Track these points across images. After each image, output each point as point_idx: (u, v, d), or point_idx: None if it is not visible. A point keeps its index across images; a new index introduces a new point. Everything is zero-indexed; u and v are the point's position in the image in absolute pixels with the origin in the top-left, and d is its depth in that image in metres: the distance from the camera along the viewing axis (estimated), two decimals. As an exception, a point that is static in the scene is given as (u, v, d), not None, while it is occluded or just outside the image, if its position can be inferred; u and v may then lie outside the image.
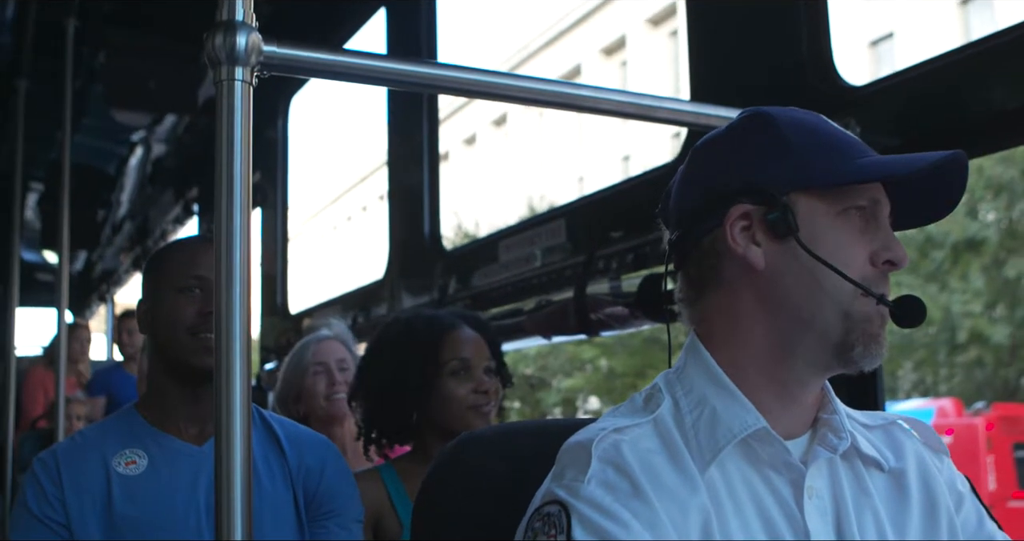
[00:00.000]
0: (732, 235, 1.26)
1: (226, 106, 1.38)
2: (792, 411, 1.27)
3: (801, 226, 1.22)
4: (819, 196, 1.23)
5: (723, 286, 1.28)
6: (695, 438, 1.22)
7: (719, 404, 1.23)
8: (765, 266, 1.24)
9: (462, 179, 33.65)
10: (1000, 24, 1.92)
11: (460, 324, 2.39)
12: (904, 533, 1.26)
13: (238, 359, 1.35)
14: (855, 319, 1.21)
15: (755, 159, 1.28)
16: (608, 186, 2.96)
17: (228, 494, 1.35)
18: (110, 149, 7.48)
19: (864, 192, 1.24)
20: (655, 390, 1.30)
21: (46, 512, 1.84)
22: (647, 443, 1.21)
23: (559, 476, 1.19)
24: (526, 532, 1.17)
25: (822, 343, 1.22)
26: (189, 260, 1.96)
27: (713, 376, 1.26)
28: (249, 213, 1.40)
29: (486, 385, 2.33)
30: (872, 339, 1.21)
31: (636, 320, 2.60)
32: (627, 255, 2.62)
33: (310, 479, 2.01)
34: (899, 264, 1.23)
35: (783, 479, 1.22)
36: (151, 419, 1.98)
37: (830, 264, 1.20)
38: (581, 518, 1.12)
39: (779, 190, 1.24)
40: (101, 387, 6.31)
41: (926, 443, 1.37)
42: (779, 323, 1.24)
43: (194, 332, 1.90)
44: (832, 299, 1.21)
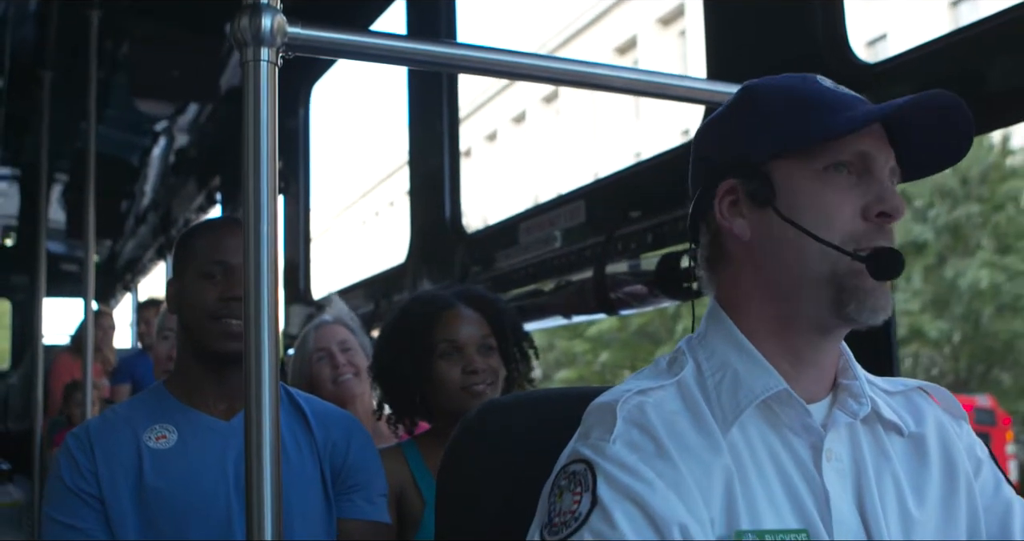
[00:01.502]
0: (721, 210, 1.30)
1: (252, 86, 1.41)
2: (808, 375, 1.29)
3: (781, 192, 1.25)
4: (798, 159, 1.25)
5: (726, 259, 1.33)
6: (717, 400, 1.24)
7: (741, 367, 1.26)
8: (751, 236, 1.28)
9: (511, 160, 33.61)
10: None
11: (455, 304, 2.40)
12: (924, 497, 1.28)
13: (267, 339, 1.39)
14: (843, 276, 1.22)
15: (737, 133, 1.32)
16: (626, 166, 2.99)
17: (258, 469, 1.38)
18: (134, 140, 7.54)
19: (847, 147, 1.24)
20: (678, 353, 1.33)
21: (79, 484, 1.89)
22: (671, 405, 1.23)
23: (585, 436, 1.22)
24: (552, 490, 1.19)
25: (818, 304, 1.24)
26: (212, 245, 2.00)
27: (734, 341, 1.29)
28: (276, 192, 1.43)
29: (476, 365, 2.32)
30: (866, 294, 1.22)
31: (655, 298, 2.62)
32: (646, 234, 2.64)
33: (336, 454, 2.05)
34: (894, 215, 1.23)
35: (802, 442, 1.25)
36: (179, 396, 2.02)
37: (802, 227, 1.22)
38: (606, 476, 1.15)
39: (760, 160, 1.27)
40: (126, 374, 6.39)
41: (946, 409, 1.39)
42: (776, 290, 1.27)
43: (216, 317, 1.94)
44: (818, 260, 1.23)
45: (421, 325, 2.37)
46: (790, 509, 1.20)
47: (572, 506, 1.15)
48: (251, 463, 1.39)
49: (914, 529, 1.25)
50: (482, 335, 2.37)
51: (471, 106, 35.86)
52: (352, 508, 2.04)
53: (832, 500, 1.22)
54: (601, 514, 1.12)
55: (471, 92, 35.46)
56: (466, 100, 34.74)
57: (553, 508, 1.17)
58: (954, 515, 1.29)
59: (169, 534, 1.87)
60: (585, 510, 1.13)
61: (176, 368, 2.08)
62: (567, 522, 1.14)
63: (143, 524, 1.88)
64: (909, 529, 1.25)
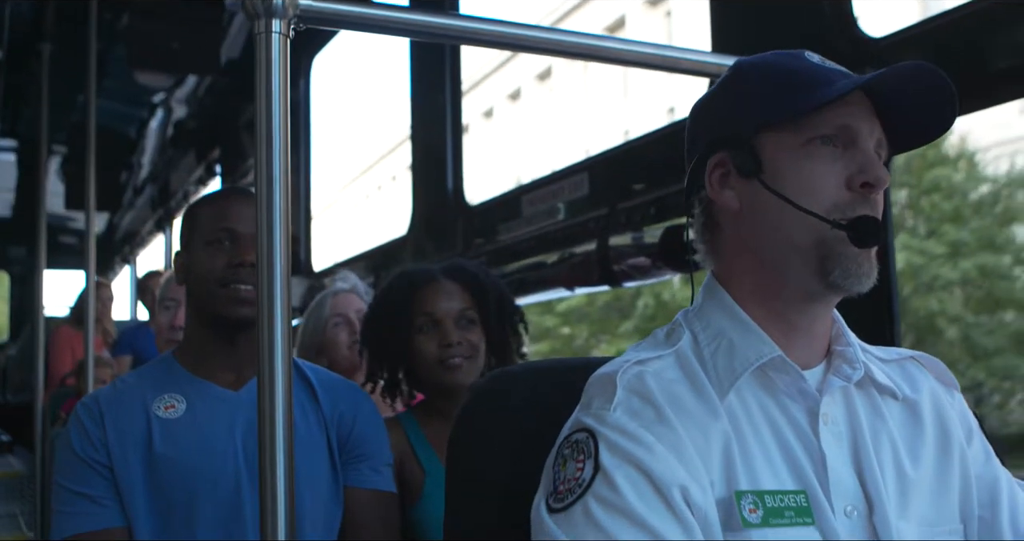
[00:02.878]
0: (711, 183, 1.33)
1: (264, 58, 1.42)
2: (801, 343, 1.31)
3: (767, 163, 1.27)
4: (782, 132, 1.27)
5: (719, 231, 1.35)
6: (714, 368, 1.27)
7: (736, 336, 1.29)
8: (740, 207, 1.31)
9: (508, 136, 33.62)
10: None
11: (435, 278, 2.40)
12: (918, 458, 1.31)
13: (279, 309, 1.41)
14: (827, 243, 1.24)
15: (727, 108, 1.35)
16: (629, 139, 2.99)
17: (271, 440, 1.40)
18: (133, 111, 7.53)
19: (829, 120, 1.26)
20: (675, 325, 1.36)
21: (89, 453, 1.91)
22: (669, 374, 1.26)
23: (586, 406, 1.24)
24: (556, 459, 1.22)
25: (804, 272, 1.26)
26: (219, 213, 2.01)
27: (729, 311, 1.31)
28: (288, 162, 1.44)
29: (451, 337, 2.32)
30: (849, 260, 1.24)
31: (658, 270, 2.64)
32: (649, 207, 2.65)
33: (343, 424, 2.07)
34: (876, 185, 1.25)
35: (799, 406, 1.27)
36: (188, 366, 2.03)
37: (786, 197, 1.25)
38: (608, 443, 1.17)
39: (747, 133, 1.29)
40: (127, 345, 6.38)
41: (938, 378, 1.42)
42: (764, 259, 1.30)
43: (224, 283, 1.95)
44: (802, 229, 1.25)
45: (401, 299, 2.38)
46: (788, 471, 1.23)
47: (576, 473, 1.17)
48: (264, 433, 1.41)
49: (909, 488, 1.28)
50: (462, 308, 2.36)
51: (468, 83, 35.81)
52: (359, 477, 2.06)
53: (829, 462, 1.24)
54: (604, 479, 1.15)
55: (467, 70, 35.40)
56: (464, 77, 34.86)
57: (557, 477, 1.19)
58: (947, 481, 1.32)
59: (178, 502, 1.89)
60: (588, 476, 1.16)
61: (185, 339, 2.09)
62: (571, 489, 1.16)
63: (152, 492, 1.90)
64: (905, 488, 1.27)
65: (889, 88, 1.27)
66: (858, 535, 1.22)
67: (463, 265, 2.48)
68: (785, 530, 1.18)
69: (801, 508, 1.20)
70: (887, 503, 1.24)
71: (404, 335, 2.35)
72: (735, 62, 1.38)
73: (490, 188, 3.71)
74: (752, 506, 1.18)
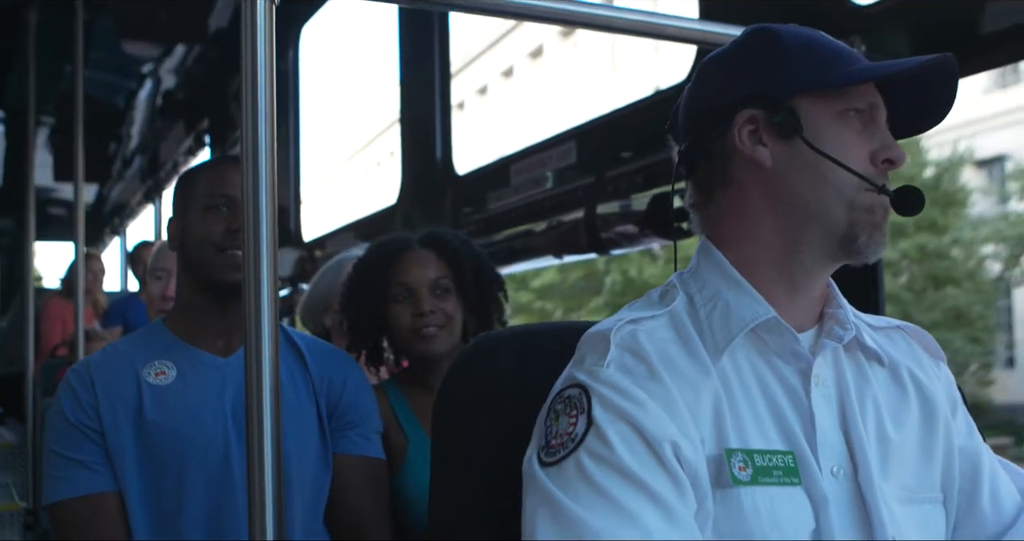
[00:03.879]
0: (740, 138, 1.32)
1: (249, 25, 1.41)
2: (800, 304, 1.33)
3: (804, 127, 1.29)
4: (820, 99, 1.29)
5: (732, 187, 1.34)
6: (709, 329, 1.28)
7: (731, 297, 1.30)
8: (772, 165, 1.30)
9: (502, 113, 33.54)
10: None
11: (410, 247, 2.39)
12: (902, 426, 1.33)
13: (266, 273, 1.41)
14: (859, 209, 1.27)
15: (760, 69, 1.34)
16: (617, 108, 2.99)
17: (257, 406, 1.41)
18: (121, 82, 7.48)
19: (862, 96, 1.30)
20: (669, 287, 1.36)
21: (80, 419, 1.92)
22: (662, 333, 1.27)
23: (579, 362, 1.25)
24: (548, 414, 1.23)
25: (828, 235, 1.28)
26: (216, 179, 2.01)
27: (725, 273, 1.32)
28: (273, 131, 1.44)
29: (425, 306, 2.31)
30: (875, 228, 1.28)
31: (645, 238, 2.65)
32: (636, 175, 2.65)
33: (332, 392, 2.08)
34: (897, 162, 1.29)
35: (791, 368, 1.29)
36: (179, 333, 2.04)
37: (834, 158, 1.27)
38: (601, 399, 1.18)
39: (783, 94, 1.30)
40: (117, 317, 6.40)
41: (925, 349, 1.43)
42: (787, 218, 1.30)
43: (221, 248, 1.95)
44: (837, 192, 1.27)
45: (377, 269, 2.38)
46: (776, 432, 1.24)
47: (568, 428, 1.18)
48: (251, 400, 1.42)
49: (891, 452, 1.29)
50: (436, 277, 2.35)
51: (463, 61, 35.77)
52: (348, 444, 2.07)
53: (818, 423, 1.26)
54: (596, 434, 1.16)
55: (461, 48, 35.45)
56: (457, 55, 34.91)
57: (549, 431, 1.21)
58: (930, 449, 1.34)
59: (169, 468, 1.91)
60: (581, 431, 1.17)
61: (176, 305, 2.10)
62: (564, 443, 1.17)
63: (143, 458, 1.91)
64: (887, 452, 1.29)
65: (909, 76, 1.31)
66: (844, 495, 1.24)
67: (439, 233, 2.46)
68: (773, 489, 1.20)
69: (788, 468, 1.22)
70: (872, 464, 1.26)
71: (380, 305, 2.35)
72: (761, 26, 1.38)
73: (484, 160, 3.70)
74: (742, 464, 1.19)
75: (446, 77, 3.88)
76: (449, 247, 2.39)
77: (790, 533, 1.19)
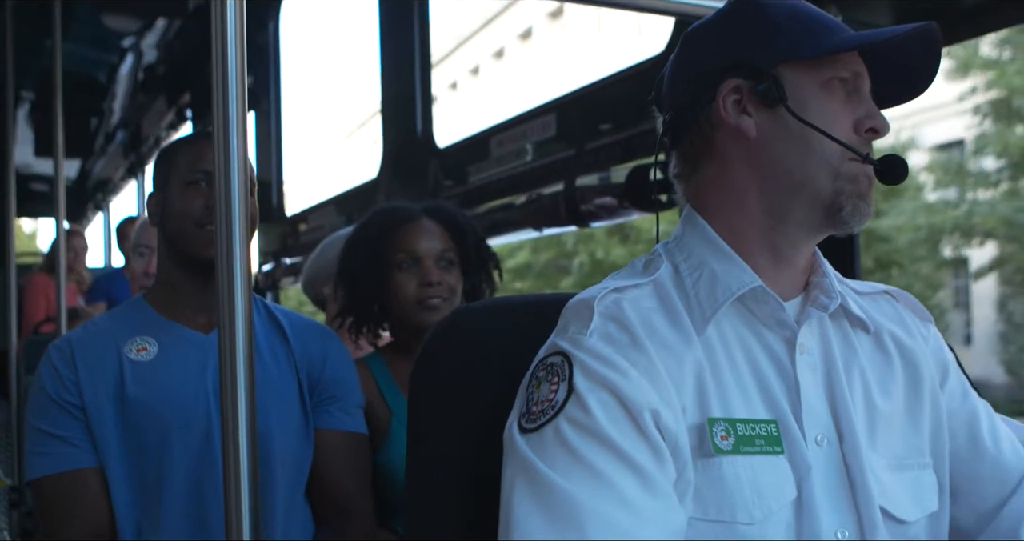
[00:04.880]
0: (724, 107, 1.31)
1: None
2: (786, 273, 1.33)
3: (789, 96, 1.28)
4: (805, 68, 1.29)
5: (716, 157, 1.34)
6: (695, 297, 1.28)
7: (718, 266, 1.29)
8: (757, 134, 1.30)
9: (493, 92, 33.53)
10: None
11: (416, 217, 2.38)
12: (889, 394, 1.33)
13: (238, 249, 1.41)
14: (844, 178, 1.27)
15: (744, 38, 1.34)
16: (597, 79, 2.98)
17: (232, 382, 1.41)
18: (101, 57, 7.42)
19: (846, 65, 1.30)
20: (654, 256, 1.36)
21: (62, 394, 1.92)
22: (647, 302, 1.27)
23: (563, 330, 1.25)
24: (530, 381, 1.23)
25: (813, 204, 1.28)
26: (196, 155, 2.00)
27: (711, 242, 1.32)
28: (244, 107, 1.43)
29: (432, 277, 2.31)
30: (860, 198, 1.27)
31: (625, 210, 2.65)
32: (616, 147, 2.65)
33: (314, 366, 2.08)
34: (881, 131, 1.29)
35: (776, 336, 1.29)
36: (160, 309, 2.04)
37: (818, 127, 1.26)
38: (583, 366, 1.18)
39: (767, 64, 1.30)
40: (102, 292, 6.39)
41: (913, 311, 1.43)
42: (772, 187, 1.30)
43: (201, 224, 1.95)
44: (821, 161, 1.27)
45: (382, 235, 2.36)
46: (760, 401, 1.24)
47: (549, 395, 1.18)
48: (225, 376, 1.42)
49: (878, 420, 1.30)
50: (442, 249, 2.35)
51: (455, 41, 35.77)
52: (329, 419, 2.07)
53: (803, 392, 1.26)
54: (577, 402, 1.16)
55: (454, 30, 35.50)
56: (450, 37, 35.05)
57: (531, 398, 1.21)
58: (917, 418, 1.34)
59: (151, 444, 1.91)
60: (562, 398, 1.17)
61: (157, 281, 2.09)
62: (544, 410, 1.18)
63: (125, 433, 1.91)
64: (874, 420, 1.29)
65: (893, 46, 1.30)
66: (829, 463, 1.24)
67: (444, 206, 2.46)
68: (755, 458, 1.20)
69: (771, 437, 1.22)
70: (858, 433, 1.26)
71: (383, 271, 2.34)
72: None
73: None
74: (724, 433, 1.19)
75: (426, 50, 3.86)
76: (454, 220, 2.40)
77: (771, 501, 1.19)
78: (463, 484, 1.32)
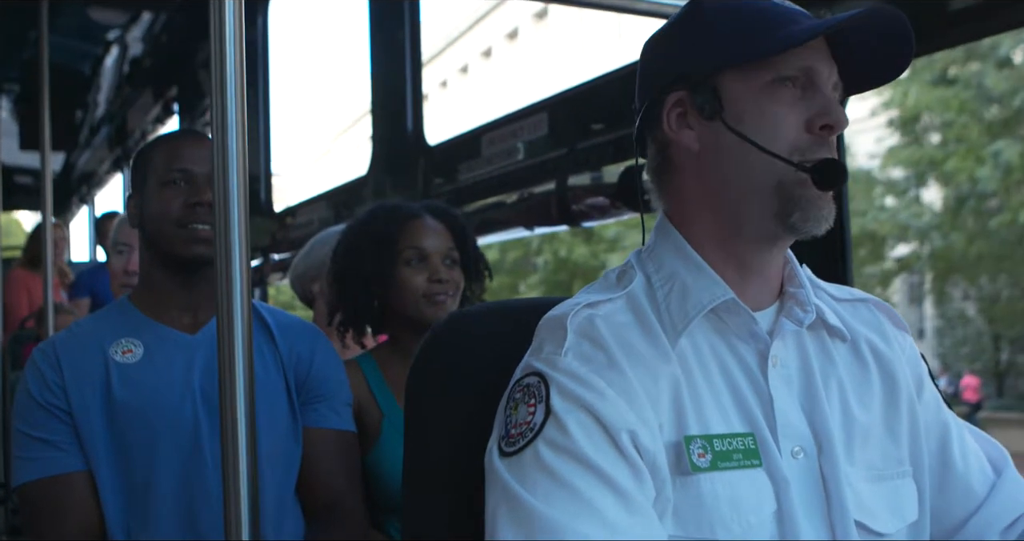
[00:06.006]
0: (668, 123, 1.31)
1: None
2: (754, 284, 1.31)
3: (728, 104, 1.26)
4: (744, 73, 1.26)
5: (674, 171, 1.33)
6: (667, 311, 1.27)
7: (689, 278, 1.28)
8: (700, 148, 1.29)
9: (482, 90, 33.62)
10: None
11: (422, 214, 2.40)
12: (867, 405, 1.32)
13: (238, 251, 1.40)
14: (788, 186, 1.24)
15: (685, 47, 1.32)
16: (589, 79, 2.98)
17: (231, 383, 1.41)
18: (87, 49, 7.36)
19: (791, 62, 1.25)
20: (628, 267, 1.35)
21: (48, 398, 1.90)
22: (620, 317, 1.26)
23: (537, 350, 1.25)
24: (507, 403, 1.23)
25: (763, 214, 1.26)
26: (173, 153, 1.99)
27: (682, 252, 1.31)
28: (243, 100, 1.42)
29: (441, 274, 2.33)
30: (809, 203, 1.24)
31: (616, 210, 2.65)
32: (608, 147, 2.65)
33: (301, 366, 2.07)
34: (836, 127, 1.25)
35: (749, 348, 1.28)
36: (145, 310, 2.03)
37: (749, 139, 1.24)
38: (559, 387, 1.18)
39: (705, 74, 1.28)
40: (85, 288, 6.34)
41: (889, 319, 1.42)
42: (722, 200, 1.29)
43: (181, 224, 1.94)
44: (763, 171, 1.24)
45: (388, 230, 2.36)
46: (737, 414, 1.24)
47: (527, 417, 1.18)
48: (224, 377, 1.42)
49: (856, 432, 1.29)
50: (447, 247, 2.37)
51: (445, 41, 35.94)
52: (317, 418, 2.07)
53: (776, 404, 1.25)
54: (555, 423, 1.16)
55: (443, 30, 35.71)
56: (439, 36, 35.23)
57: (509, 420, 1.20)
58: (895, 428, 1.33)
59: (138, 446, 1.90)
60: (540, 420, 1.17)
61: (141, 282, 2.08)
62: (523, 433, 1.17)
63: (112, 436, 1.90)
64: (852, 432, 1.29)
65: (848, 30, 1.25)
66: (806, 476, 1.24)
67: (445, 206, 2.49)
68: (733, 473, 1.20)
69: (749, 450, 1.22)
70: (836, 445, 1.25)
71: (389, 266, 2.34)
72: (691, 1, 1.35)
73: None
74: (701, 450, 1.19)
75: (416, 47, 3.85)
76: (457, 222, 2.42)
77: (750, 516, 1.19)
78: (461, 486, 1.32)
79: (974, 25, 1.88)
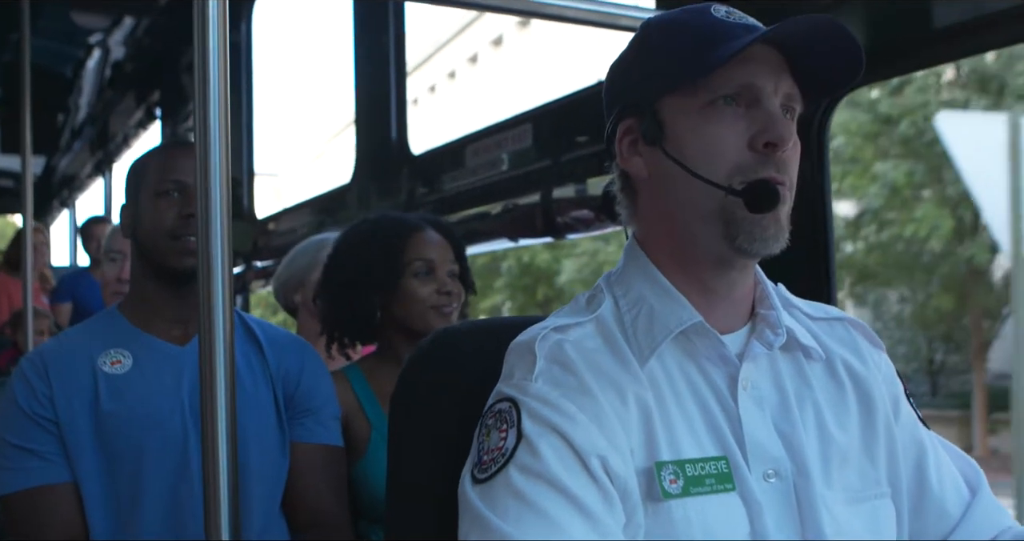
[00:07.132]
0: (621, 150, 1.32)
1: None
2: (720, 307, 1.30)
3: (669, 129, 1.26)
4: (683, 96, 1.25)
5: (635, 196, 1.34)
6: (634, 335, 1.27)
7: (656, 302, 1.28)
8: (648, 175, 1.30)
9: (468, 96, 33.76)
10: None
11: (426, 226, 2.41)
12: (844, 426, 1.31)
13: (220, 259, 1.40)
14: (728, 210, 1.23)
15: (632, 72, 1.33)
16: (574, 91, 2.97)
17: (211, 394, 1.41)
18: (69, 52, 7.33)
19: (729, 80, 1.23)
20: (597, 290, 1.35)
21: (34, 408, 1.89)
22: (589, 343, 1.26)
23: (508, 376, 1.25)
24: (480, 430, 1.23)
25: (712, 238, 1.25)
26: (166, 165, 1.99)
27: (649, 276, 1.31)
28: (227, 107, 1.42)
29: (449, 286, 2.35)
30: (753, 225, 1.22)
31: (601, 223, 2.65)
32: (592, 159, 2.65)
33: (289, 380, 2.07)
34: (779, 144, 1.22)
35: (719, 371, 1.27)
36: (134, 321, 2.02)
37: (684, 165, 1.24)
38: (530, 412, 1.18)
39: (649, 99, 1.28)
40: (67, 293, 6.28)
41: (865, 337, 1.42)
42: (675, 225, 1.28)
43: (175, 236, 1.94)
44: (705, 195, 1.23)
45: (393, 242, 2.37)
46: (709, 437, 1.23)
47: (499, 443, 1.18)
48: (206, 388, 1.42)
49: (833, 454, 1.28)
50: (451, 260, 2.40)
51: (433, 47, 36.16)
52: (305, 432, 2.07)
53: (746, 427, 1.24)
54: (526, 447, 1.16)
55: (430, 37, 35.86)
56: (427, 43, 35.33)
57: (482, 447, 1.20)
58: (873, 449, 1.32)
59: (126, 458, 1.89)
60: (511, 445, 1.17)
61: (131, 293, 2.08)
62: (495, 459, 1.17)
63: (100, 448, 1.89)
64: (829, 454, 1.28)
65: (795, 40, 1.23)
66: (780, 499, 1.23)
67: (441, 220, 2.51)
68: (706, 498, 1.19)
69: (722, 474, 1.21)
70: (812, 467, 1.24)
71: (394, 277, 2.34)
72: (647, 20, 1.34)
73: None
74: (672, 476, 1.18)
75: (401, 56, 3.84)
76: (455, 236, 2.45)
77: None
78: (443, 498, 1.31)
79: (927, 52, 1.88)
